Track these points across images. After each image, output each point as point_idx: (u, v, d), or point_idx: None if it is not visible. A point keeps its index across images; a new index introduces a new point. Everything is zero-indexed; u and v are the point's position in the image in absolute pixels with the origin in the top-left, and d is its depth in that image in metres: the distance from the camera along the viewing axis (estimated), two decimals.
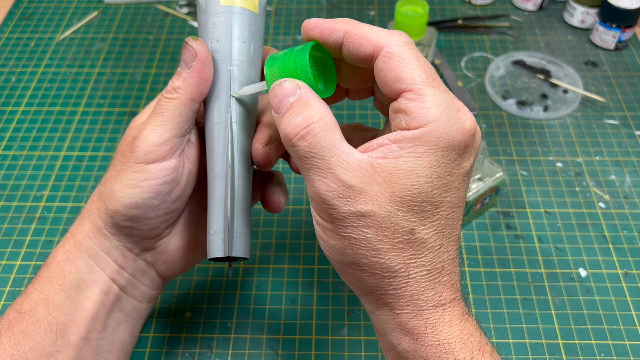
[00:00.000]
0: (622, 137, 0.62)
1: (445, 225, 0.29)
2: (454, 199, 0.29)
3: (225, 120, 0.34)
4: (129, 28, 0.75)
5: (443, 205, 0.29)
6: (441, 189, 0.28)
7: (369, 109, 0.65)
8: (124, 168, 0.33)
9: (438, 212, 0.28)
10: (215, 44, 0.34)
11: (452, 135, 0.28)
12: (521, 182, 0.57)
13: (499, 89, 0.67)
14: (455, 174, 0.29)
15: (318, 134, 0.28)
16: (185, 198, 0.36)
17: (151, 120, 0.33)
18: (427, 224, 0.28)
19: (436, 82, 0.28)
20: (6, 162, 0.60)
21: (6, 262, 0.51)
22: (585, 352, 0.46)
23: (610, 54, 0.71)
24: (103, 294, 0.35)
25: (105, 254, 0.35)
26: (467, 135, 0.29)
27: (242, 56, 0.34)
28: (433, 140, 0.28)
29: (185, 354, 0.46)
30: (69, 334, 0.34)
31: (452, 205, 0.29)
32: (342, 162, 0.28)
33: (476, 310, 0.48)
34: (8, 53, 0.72)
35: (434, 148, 0.28)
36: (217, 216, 0.33)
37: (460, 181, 0.29)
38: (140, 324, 0.39)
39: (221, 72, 0.34)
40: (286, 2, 0.79)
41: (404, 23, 0.62)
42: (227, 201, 0.33)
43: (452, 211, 0.29)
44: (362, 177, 0.27)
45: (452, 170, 0.28)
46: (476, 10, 0.77)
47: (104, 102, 0.66)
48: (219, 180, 0.33)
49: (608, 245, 0.52)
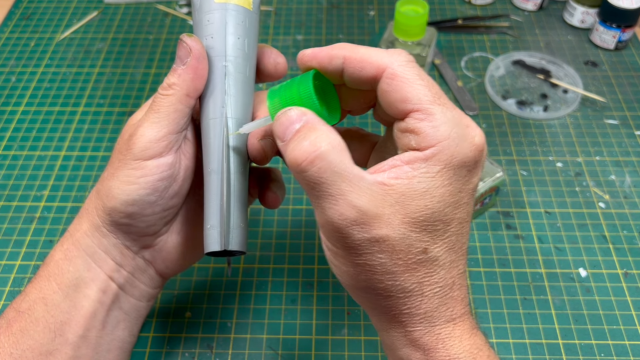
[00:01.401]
0: (622, 137, 0.62)
1: (455, 241, 0.29)
2: (463, 215, 0.29)
3: (220, 115, 0.34)
4: (129, 28, 0.75)
5: (454, 222, 0.29)
6: (452, 206, 0.28)
7: (369, 117, 0.65)
8: (121, 165, 0.33)
9: (449, 229, 0.28)
10: (210, 41, 0.34)
11: (464, 152, 0.28)
12: (521, 182, 0.57)
13: (499, 89, 0.67)
14: (465, 190, 0.29)
15: (327, 157, 0.27)
16: (182, 195, 0.36)
17: (147, 117, 0.33)
18: (439, 242, 0.28)
19: (442, 99, 0.28)
20: (6, 162, 0.60)
21: (6, 262, 0.51)
22: (585, 352, 0.46)
23: (610, 54, 0.71)
24: (101, 292, 0.35)
25: (103, 252, 0.35)
26: (477, 151, 0.29)
27: (237, 52, 0.35)
28: (445, 159, 0.27)
29: (185, 354, 0.46)
30: (67, 332, 0.34)
31: (462, 220, 0.29)
32: (354, 187, 0.27)
33: (476, 310, 0.48)
34: (8, 53, 0.72)
35: (447, 167, 0.28)
36: (213, 210, 0.33)
37: (469, 197, 0.29)
38: (139, 322, 0.39)
39: (216, 69, 0.34)
40: (286, 2, 0.79)
41: (404, 23, 0.62)
42: (223, 195, 0.33)
43: (461, 227, 0.29)
44: (375, 200, 0.27)
45: (463, 186, 0.28)
46: (476, 10, 0.77)
47: (104, 102, 0.66)
48: (215, 174, 0.33)
49: (608, 245, 0.52)
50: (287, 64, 0.38)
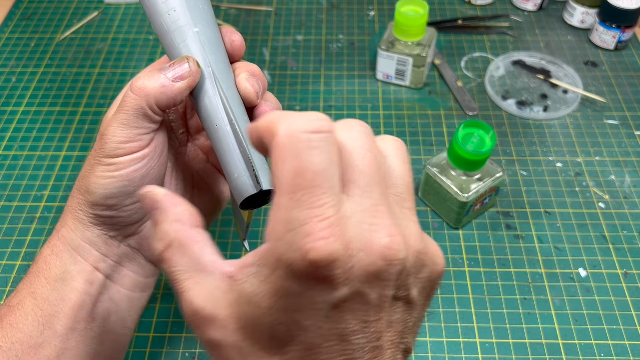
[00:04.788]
0: (622, 137, 0.62)
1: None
2: (315, 339, 0.22)
3: (208, 75, 0.34)
4: (129, 28, 0.75)
5: (294, 345, 0.23)
6: (285, 325, 0.22)
7: (368, 118, 0.65)
8: (96, 162, 0.34)
9: (288, 350, 0.23)
10: (173, 14, 0.34)
11: (292, 258, 0.21)
12: (521, 182, 0.57)
13: (499, 89, 0.67)
14: (306, 309, 0.22)
15: (171, 257, 0.24)
16: (160, 179, 0.36)
17: (117, 116, 0.33)
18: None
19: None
20: (6, 162, 0.60)
21: (6, 262, 0.51)
22: (585, 352, 0.46)
23: (610, 54, 0.71)
24: (88, 283, 0.35)
25: (87, 244, 0.35)
26: (305, 261, 0.20)
27: (203, 17, 0.35)
28: (272, 263, 0.22)
29: (185, 354, 0.46)
30: (55, 324, 0.34)
31: (314, 346, 0.22)
32: (195, 284, 0.24)
33: (476, 310, 0.48)
34: (8, 53, 0.72)
35: (275, 274, 0.22)
36: (234, 161, 0.33)
37: (321, 319, 0.22)
38: (134, 315, 0.39)
39: (188, 37, 0.34)
40: (286, 2, 0.79)
41: (404, 23, 0.62)
42: (239, 144, 0.33)
43: (310, 352, 0.22)
44: (213, 299, 0.23)
45: (301, 304, 0.22)
46: (476, 10, 0.77)
47: (104, 102, 0.66)
48: (222, 128, 0.33)
49: (608, 245, 0.52)
50: (243, 42, 0.37)
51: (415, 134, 0.62)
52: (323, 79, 0.68)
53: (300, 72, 0.69)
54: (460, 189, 0.50)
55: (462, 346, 0.46)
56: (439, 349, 0.46)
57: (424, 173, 0.53)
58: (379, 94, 0.66)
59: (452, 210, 0.52)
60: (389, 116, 0.64)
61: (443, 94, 0.66)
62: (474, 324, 0.47)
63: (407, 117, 0.64)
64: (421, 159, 0.59)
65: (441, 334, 0.47)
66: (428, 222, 0.54)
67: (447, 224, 0.54)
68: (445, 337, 0.47)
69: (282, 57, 0.71)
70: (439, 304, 0.49)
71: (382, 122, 0.63)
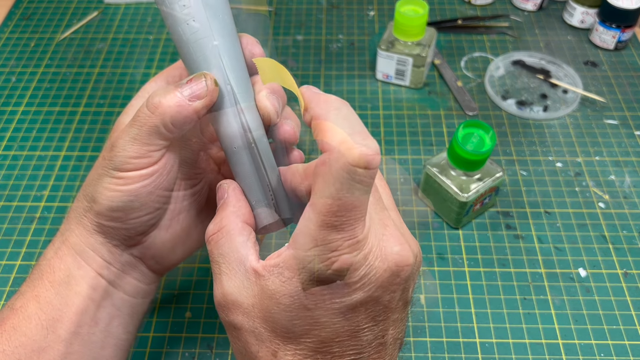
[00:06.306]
0: (621, 137, 0.62)
1: (312, 357, 0.27)
2: (329, 334, 0.26)
3: (227, 93, 0.32)
4: (129, 28, 0.75)
5: (308, 337, 0.26)
6: (303, 320, 0.26)
7: (368, 118, 0.65)
8: (104, 172, 0.33)
9: (303, 341, 0.26)
10: (193, 24, 0.33)
11: (316, 268, 0.25)
12: (521, 182, 0.57)
13: (499, 89, 0.67)
14: (324, 308, 0.25)
15: (220, 239, 0.29)
16: (167, 195, 0.36)
17: (129, 130, 0.33)
18: (291, 351, 0.27)
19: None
20: (6, 162, 0.60)
21: (6, 262, 0.51)
22: (585, 352, 0.46)
23: (610, 54, 0.71)
24: (91, 289, 0.35)
25: (91, 250, 0.35)
26: (333, 273, 0.25)
27: (223, 29, 0.33)
28: (295, 268, 0.25)
29: (185, 354, 0.46)
30: (59, 329, 0.34)
31: (327, 340, 0.26)
32: (230, 270, 0.28)
33: (476, 310, 0.48)
34: (8, 53, 0.72)
35: (296, 277, 0.25)
36: (252, 186, 0.33)
37: (336, 317, 0.26)
38: (135, 320, 0.39)
39: (207, 49, 0.33)
40: (286, 2, 0.79)
41: (403, 23, 0.62)
42: (256, 169, 0.33)
43: (324, 345, 0.26)
44: (242, 287, 0.27)
45: (318, 303, 0.25)
46: (476, 10, 0.77)
47: (104, 102, 0.66)
48: (243, 150, 0.33)
49: (608, 245, 0.52)
50: (264, 54, 0.36)
51: (415, 134, 0.62)
52: (323, 79, 0.68)
53: (300, 72, 0.69)
54: (460, 189, 0.50)
55: (462, 346, 0.46)
56: (439, 349, 0.46)
57: (424, 173, 0.53)
58: (379, 94, 0.66)
59: (452, 210, 0.52)
60: (388, 116, 0.64)
61: (443, 94, 0.66)
62: (474, 324, 0.47)
63: (407, 117, 0.64)
64: (421, 159, 0.59)
65: (441, 334, 0.47)
66: (428, 222, 0.54)
67: (447, 224, 0.54)
68: (445, 337, 0.47)
69: (282, 57, 0.71)
70: (439, 304, 0.49)
71: (382, 122, 0.63)
